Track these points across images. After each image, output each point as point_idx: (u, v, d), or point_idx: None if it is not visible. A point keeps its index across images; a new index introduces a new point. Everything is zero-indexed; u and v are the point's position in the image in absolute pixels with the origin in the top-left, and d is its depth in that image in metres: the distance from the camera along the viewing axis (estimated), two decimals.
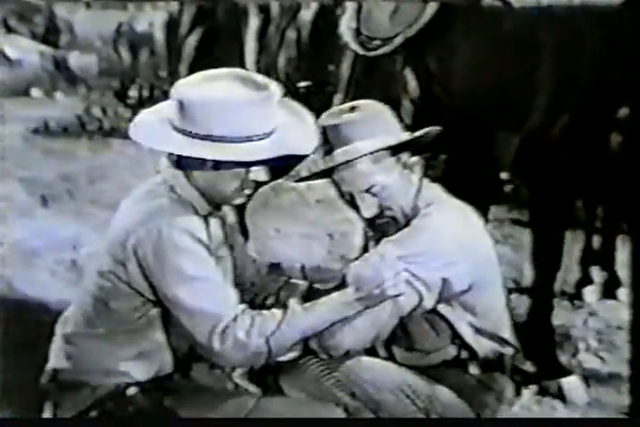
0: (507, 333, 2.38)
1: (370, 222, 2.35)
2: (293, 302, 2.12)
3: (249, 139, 2.09)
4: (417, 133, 2.30)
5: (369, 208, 2.30)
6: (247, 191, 2.20)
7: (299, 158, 2.20)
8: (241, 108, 2.07)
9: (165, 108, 2.16)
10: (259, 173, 2.16)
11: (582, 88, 3.21)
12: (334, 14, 3.24)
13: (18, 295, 3.94)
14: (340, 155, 2.26)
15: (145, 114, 2.21)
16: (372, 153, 2.24)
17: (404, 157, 2.31)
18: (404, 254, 2.17)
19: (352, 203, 2.33)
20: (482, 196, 2.34)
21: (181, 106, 2.09)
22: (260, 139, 2.10)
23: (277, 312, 2.09)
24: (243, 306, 2.10)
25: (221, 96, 2.07)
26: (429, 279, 2.19)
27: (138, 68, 8.50)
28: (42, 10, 9.84)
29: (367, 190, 2.28)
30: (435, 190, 2.36)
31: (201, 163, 2.13)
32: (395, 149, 2.29)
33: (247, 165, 2.13)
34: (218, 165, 2.13)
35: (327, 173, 2.33)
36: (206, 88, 2.10)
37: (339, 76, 3.17)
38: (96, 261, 2.22)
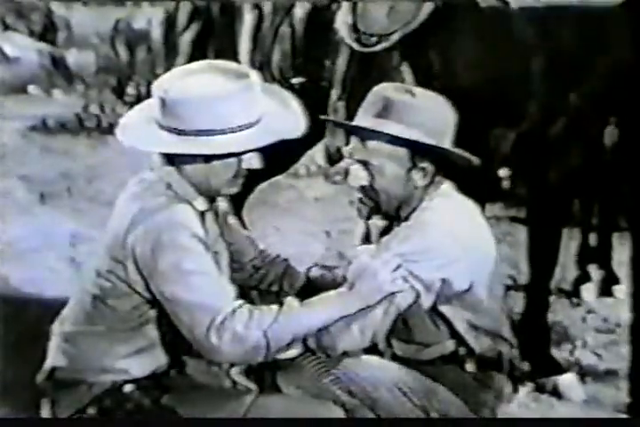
0: (506, 331, 2.37)
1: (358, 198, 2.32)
2: (290, 299, 2.12)
3: (235, 129, 2.09)
4: (450, 148, 2.25)
5: (356, 179, 2.26)
6: (241, 180, 2.20)
7: (290, 144, 2.18)
8: (223, 99, 2.07)
9: (150, 106, 2.16)
10: (252, 161, 2.16)
11: (580, 87, 3.21)
12: (329, 10, 3.24)
13: (16, 293, 3.94)
14: (377, 124, 2.21)
15: (130, 114, 2.22)
16: (396, 139, 2.19)
17: (422, 161, 2.25)
18: (403, 252, 2.15)
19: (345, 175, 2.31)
20: (478, 192, 2.33)
21: (163, 104, 2.09)
22: (247, 128, 2.10)
23: (274, 307, 2.08)
24: (240, 301, 2.09)
25: (202, 90, 2.07)
26: (428, 278, 2.17)
27: (135, 65, 8.49)
28: (39, 7, 9.84)
29: (364, 163, 2.25)
30: (437, 185, 2.34)
31: (192, 157, 2.13)
32: (416, 150, 2.23)
33: (238, 154, 2.13)
34: (209, 157, 2.13)
35: (350, 131, 2.31)
36: (186, 83, 2.10)
37: (334, 71, 3.17)
38: (94, 259, 2.22)
